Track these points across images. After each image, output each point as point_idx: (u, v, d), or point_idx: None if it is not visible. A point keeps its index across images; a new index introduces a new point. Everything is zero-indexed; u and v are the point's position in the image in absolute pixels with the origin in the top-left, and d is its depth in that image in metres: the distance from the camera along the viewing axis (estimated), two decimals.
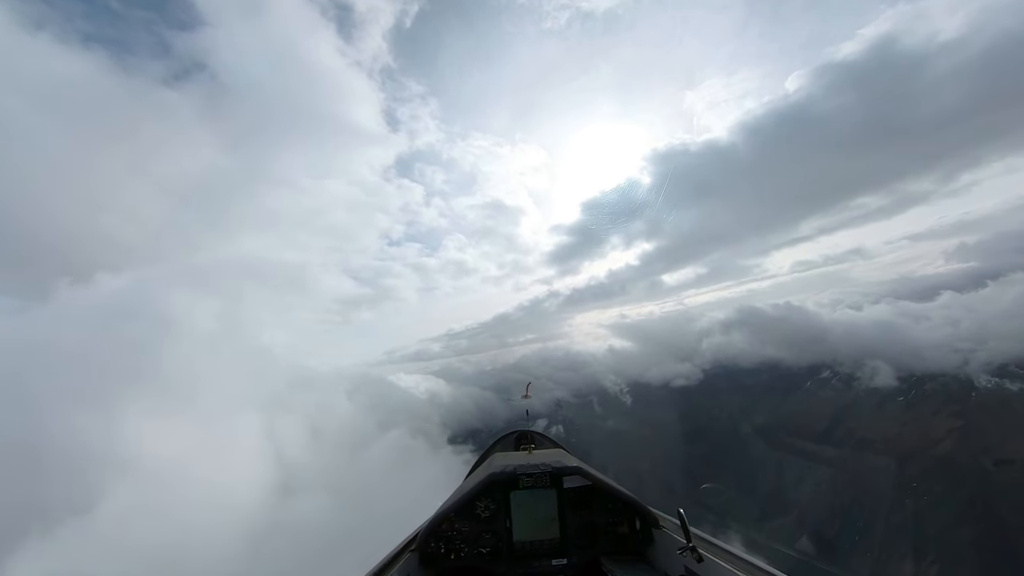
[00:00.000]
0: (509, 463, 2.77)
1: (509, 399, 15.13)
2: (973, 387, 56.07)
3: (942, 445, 51.04)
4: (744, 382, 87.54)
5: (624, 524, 2.66)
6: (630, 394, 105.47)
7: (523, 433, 4.49)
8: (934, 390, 59.40)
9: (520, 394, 5.25)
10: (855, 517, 49.47)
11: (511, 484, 2.68)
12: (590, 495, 2.68)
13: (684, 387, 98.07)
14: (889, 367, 65.10)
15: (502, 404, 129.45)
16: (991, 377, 55.92)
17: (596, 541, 2.61)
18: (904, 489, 48.88)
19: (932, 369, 61.67)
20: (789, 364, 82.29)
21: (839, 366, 73.58)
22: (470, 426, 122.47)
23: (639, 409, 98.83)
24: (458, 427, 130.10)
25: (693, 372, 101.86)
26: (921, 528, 44.60)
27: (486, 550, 2.59)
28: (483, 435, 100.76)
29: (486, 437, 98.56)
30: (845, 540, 48.52)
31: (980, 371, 57.36)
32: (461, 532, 2.61)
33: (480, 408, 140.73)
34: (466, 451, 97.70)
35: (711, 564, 1.86)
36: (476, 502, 2.65)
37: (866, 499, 50.88)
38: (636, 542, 2.63)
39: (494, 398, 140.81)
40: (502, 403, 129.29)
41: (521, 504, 2.67)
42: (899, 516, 46.65)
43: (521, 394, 4.84)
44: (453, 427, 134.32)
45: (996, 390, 54.15)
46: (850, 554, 46.58)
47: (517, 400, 4.69)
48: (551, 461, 2.74)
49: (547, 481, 2.69)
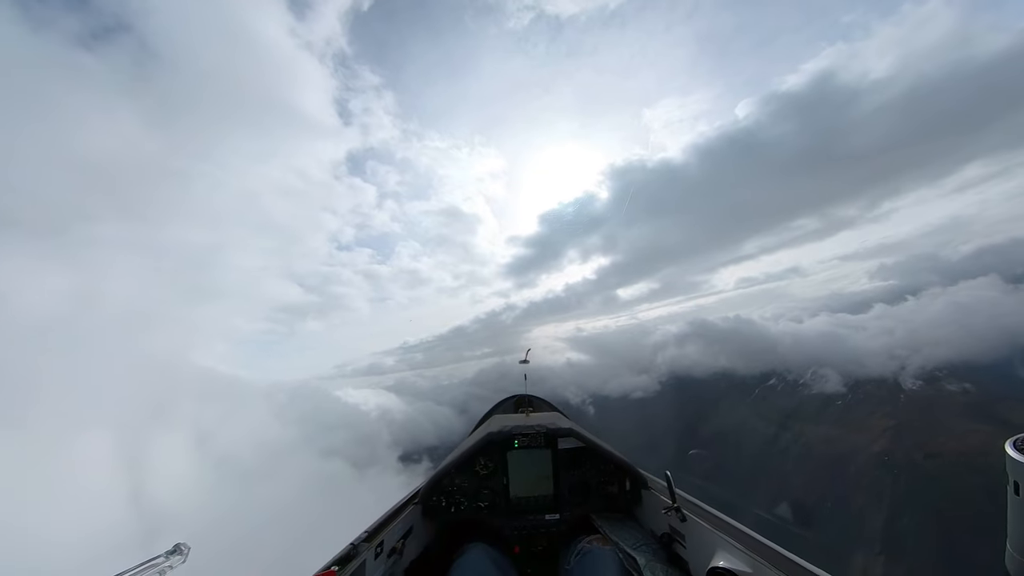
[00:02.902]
0: (507, 424, 2.94)
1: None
2: (901, 389, 61.77)
3: (878, 442, 55.07)
4: (699, 392, 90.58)
5: (614, 484, 2.79)
6: (592, 405, 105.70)
7: (522, 397, 4.71)
8: (868, 393, 64.56)
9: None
10: (807, 514, 51.31)
11: (508, 444, 2.81)
12: (583, 456, 2.82)
13: (642, 399, 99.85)
14: (836, 374, 70.09)
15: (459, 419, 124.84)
16: (916, 380, 61.90)
17: (587, 499, 2.76)
18: (849, 485, 51.66)
19: (872, 375, 67.18)
20: (742, 374, 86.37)
21: (788, 374, 78.24)
22: (425, 443, 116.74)
23: (601, 421, 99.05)
24: (411, 444, 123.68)
25: (651, 384, 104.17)
26: (865, 521, 46.97)
27: (484, 504, 2.75)
28: (440, 451, 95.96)
29: (443, 453, 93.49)
30: (793, 543, 50.02)
31: (912, 375, 63.30)
32: (461, 487, 2.75)
33: (436, 424, 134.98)
34: (420, 470, 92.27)
35: (693, 523, 1.99)
36: (475, 460, 2.79)
37: (811, 497, 53.20)
38: (625, 501, 2.77)
39: (451, 413, 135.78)
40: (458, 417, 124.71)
41: (517, 463, 2.80)
42: (846, 512, 48.95)
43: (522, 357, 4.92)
44: (405, 445, 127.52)
45: (921, 391, 59.84)
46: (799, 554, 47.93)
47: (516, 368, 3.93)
48: (547, 423, 2.93)
49: (542, 441, 2.81)
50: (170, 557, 1.17)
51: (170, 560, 1.17)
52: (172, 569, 1.17)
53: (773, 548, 1.58)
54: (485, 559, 2.17)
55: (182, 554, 1.19)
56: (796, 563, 1.44)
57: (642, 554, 2.06)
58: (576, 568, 2.15)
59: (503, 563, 2.25)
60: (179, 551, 1.19)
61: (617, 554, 2.10)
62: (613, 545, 2.20)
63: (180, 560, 1.17)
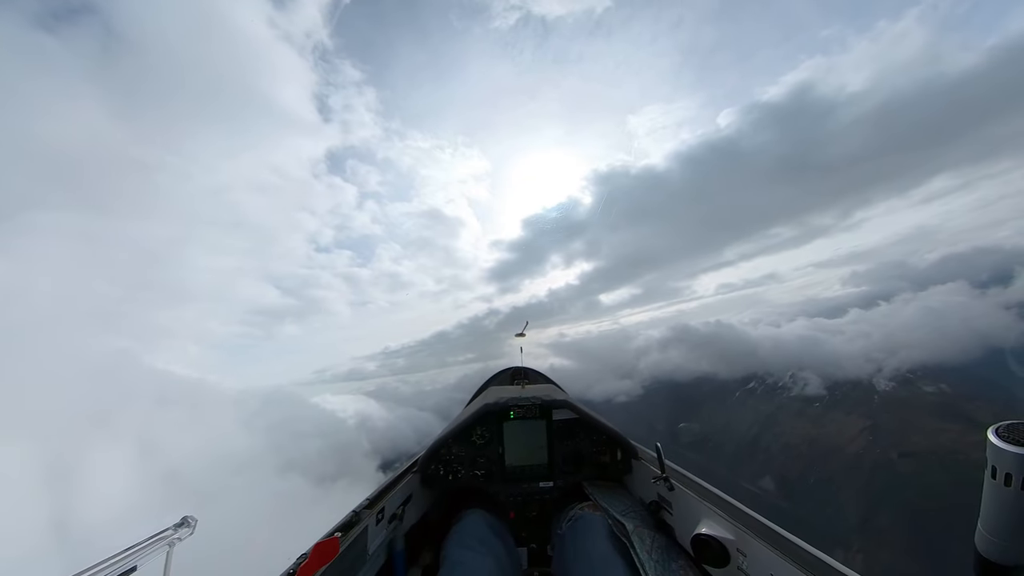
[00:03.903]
0: (504, 396, 3.01)
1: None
2: (876, 391, 63.78)
3: (855, 442, 56.41)
4: (681, 395, 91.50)
5: (606, 454, 2.87)
6: None
7: (518, 369, 4.79)
8: (845, 394, 66.36)
9: None
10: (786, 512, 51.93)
11: (505, 415, 2.89)
12: (577, 427, 2.90)
13: (626, 403, 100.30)
14: (815, 376, 71.85)
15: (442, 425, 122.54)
16: (890, 381, 63.98)
17: (580, 468, 2.84)
18: (828, 482, 52.63)
19: (850, 376, 69.15)
20: (724, 377, 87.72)
21: (768, 377, 79.71)
22: (406, 451, 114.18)
23: None
24: (392, 453, 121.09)
25: (634, 388, 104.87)
26: (844, 518, 47.81)
27: (480, 472, 2.83)
28: None
29: None
30: None
31: (887, 377, 65.51)
32: (458, 456, 2.83)
33: (418, 431, 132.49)
34: None
35: (680, 492, 2.09)
36: (472, 430, 2.86)
37: (791, 493, 54.00)
38: (616, 470, 2.86)
39: (433, 419, 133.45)
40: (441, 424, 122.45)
41: (513, 433, 2.89)
42: (829, 509, 49.76)
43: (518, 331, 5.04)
44: (385, 453, 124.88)
45: (895, 392, 61.88)
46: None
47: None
48: (542, 395, 3.00)
49: (537, 413, 2.89)
50: (178, 530, 1.18)
51: (178, 532, 1.17)
52: (181, 541, 1.18)
53: (755, 517, 1.66)
54: (482, 524, 2.29)
55: (190, 526, 1.19)
56: (777, 532, 1.51)
57: (631, 520, 2.16)
58: (568, 532, 2.26)
59: (499, 528, 2.37)
60: (187, 523, 1.19)
61: (607, 520, 2.21)
62: (603, 511, 2.30)
63: (188, 532, 1.18)
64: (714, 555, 1.66)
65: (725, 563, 1.65)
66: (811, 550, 1.34)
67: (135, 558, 1.13)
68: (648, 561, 1.84)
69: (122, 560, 1.13)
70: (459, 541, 2.09)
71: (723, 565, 1.66)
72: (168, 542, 1.15)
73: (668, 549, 1.96)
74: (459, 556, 1.94)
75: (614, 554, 1.91)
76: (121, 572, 1.13)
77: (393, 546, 2.26)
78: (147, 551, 1.13)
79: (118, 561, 1.13)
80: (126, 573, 1.13)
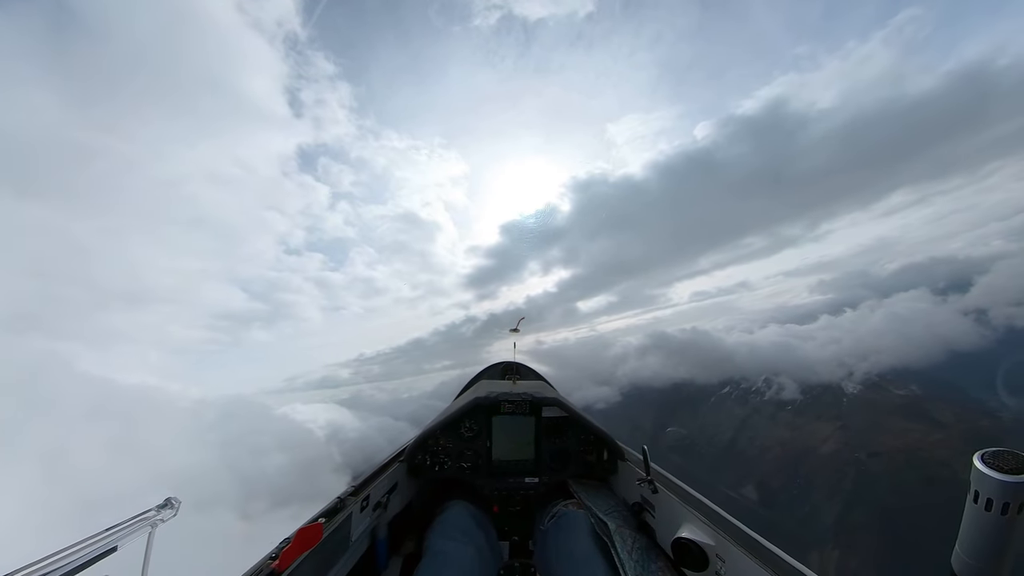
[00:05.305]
0: (494, 390, 2.97)
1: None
2: (844, 394, 66.13)
3: (828, 443, 57.95)
4: (659, 401, 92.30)
5: (593, 453, 2.87)
6: None
7: (509, 364, 4.72)
8: (816, 398, 68.47)
9: None
10: (762, 513, 52.49)
11: (494, 409, 2.87)
12: (565, 425, 2.89)
13: (605, 410, 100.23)
14: (789, 381, 73.90)
15: None
16: (858, 384, 66.49)
17: (566, 466, 2.85)
18: (803, 483, 53.66)
19: (822, 380, 71.44)
20: (701, 383, 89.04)
21: (743, 382, 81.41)
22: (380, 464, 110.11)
23: None
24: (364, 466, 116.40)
25: (612, 395, 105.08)
26: (820, 518, 48.66)
27: (467, 465, 2.82)
28: None
29: None
30: None
31: (857, 380, 68.09)
32: (446, 448, 2.82)
33: (392, 442, 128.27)
34: None
35: (663, 495, 2.11)
36: (461, 422, 2.86)
37: (769, 496, 54.78)
38: (602, 470, 2.87)
39: (408, 429, 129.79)
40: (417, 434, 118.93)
41: (502, 427, 2.88)
42: (803, 508, 50.58)
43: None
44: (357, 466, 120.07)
45: (861, 395, 64.35)
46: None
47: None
48: (532, 391, 2.97)
49: (527, 409, 2.88)
50: (161, 511, 1.15)
51: (161, 513, 1.15)
52: (164, 522, 1.15)
53: (735, 524, 1.67)
54: (466, 515, 2.33)
55: (173, 507, 1.16)
56: (756, 540, 1.53)
57: (613, 519, 2.20)
58: (551, 528, 2.30)
59: (482, 520, 2.41)
60: (170, 505, 1.16)
61: (589, 518, 2.26)
62: (587, 510, 2.35)
63: (171, 513, 1.16)
64: (693, 559, 1.68)
65: (704, 567, 1.67)
66: (789, 560, 1.34)
67: (116, 538, 1.11)
68: (628, 561, 1.88)
69: (102, 540, 1.11)
70: (442, 531, 2.12)
71: (701, 569, 1.67)
72: (151, 523, 1.13)
73: (648, 550, 2.00)
74: (441, 546, 1.97)
75: (595, 552, 1.95)
76: (101, 552, 1.10)
77: (376, 533, 2.27)
78: (128, 532, 1.11)
79: (98, 541, 1.10)
80: (106, 553, 1.10)
